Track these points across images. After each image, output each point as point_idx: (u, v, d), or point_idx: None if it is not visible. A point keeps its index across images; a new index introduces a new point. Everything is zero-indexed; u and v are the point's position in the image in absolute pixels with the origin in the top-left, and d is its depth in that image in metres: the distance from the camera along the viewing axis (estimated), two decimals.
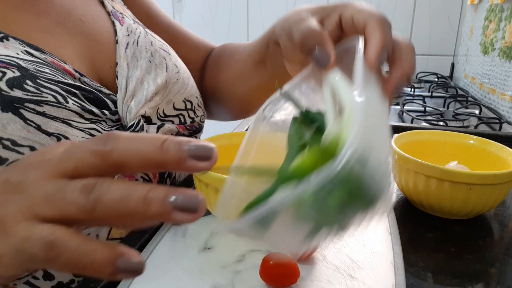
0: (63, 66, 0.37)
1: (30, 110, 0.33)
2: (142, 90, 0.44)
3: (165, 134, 0.40)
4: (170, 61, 0.49)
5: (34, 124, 0.33)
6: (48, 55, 0.37)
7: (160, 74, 0.46)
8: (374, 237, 0.41)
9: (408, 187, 0.47)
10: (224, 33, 1.64)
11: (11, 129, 0.31)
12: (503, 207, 0.49)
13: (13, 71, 0.33)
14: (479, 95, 1.13)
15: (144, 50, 0.46)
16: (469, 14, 1.29)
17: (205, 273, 0.35)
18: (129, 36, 0.46)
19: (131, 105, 0.42)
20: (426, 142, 0.54)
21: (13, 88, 0.32)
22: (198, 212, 0.20)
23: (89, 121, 0.37)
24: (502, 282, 0.36)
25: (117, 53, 0.44)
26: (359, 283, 0.34)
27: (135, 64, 0.45)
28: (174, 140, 0.20)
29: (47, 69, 0.36)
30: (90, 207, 0.19)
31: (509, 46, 0.95)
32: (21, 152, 0.32)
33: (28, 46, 0.36)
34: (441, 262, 0.38)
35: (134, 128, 0.41)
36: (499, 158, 0.49)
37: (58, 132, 0.34)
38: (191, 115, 0.50)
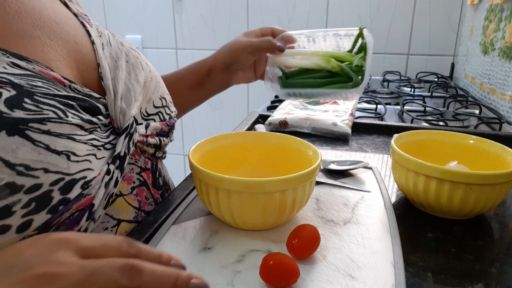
0: (52, 75, 0.36)
1: (35, 130, 0.32)
2: (129, 91, 0.44)
3: None
4: (143, 60, 0.50)
5: (43, 145, 0.32)
6: (34, 63, 0.36)
7: (139, 74, 0.47)
8: (374, 237, 0.41)
9: (408, 187, 0.47)
10: (224, 33, 1.64)
11: (22, 153, 0.30)
12: (503, 207, 0.49)
13: (8, 90, 0.31)
14: (479, 95, 1.13)
15: (118, 51, 0.46)
16: (469, 14, 1.29)
17: (205, 273, 0.35)
18: (101, 37, 0.46)
19: (123, 107, 0.42)
20: (426, 142, 0.54)
21: (13, 108, 0.31)
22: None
23: (88, 131, 0.37)
24: (502, 282, 0.36)
25: (97, 54, 0.43)
26: (359, 283, 0.34)
27: (116, 65, 0.44)
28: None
29: (40, 82, 0.34)
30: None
31: (509, 46, 0.95)
32: (36, 175, 0.31)
33: (12, 56, 0.34)
34: (441, 262, 0.38)
35: (129, 130, 0.42)
36: (499, 158, 0.49)
37: (66, 150, 0.34)
38: (167, 112, 0.51)
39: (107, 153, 0.39)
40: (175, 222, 0.44)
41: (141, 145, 0.45)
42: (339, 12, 1.50)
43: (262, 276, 0.34)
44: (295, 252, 0.37)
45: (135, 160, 0.46)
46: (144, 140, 0.45)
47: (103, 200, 0.38)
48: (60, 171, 0.32)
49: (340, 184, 0.53)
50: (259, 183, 0.38)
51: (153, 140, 0.47)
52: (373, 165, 0.59)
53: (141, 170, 0.47)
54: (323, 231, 0.42)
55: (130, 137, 0.42)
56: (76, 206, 0.35)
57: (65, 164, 0.33)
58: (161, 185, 0.51)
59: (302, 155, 0.48)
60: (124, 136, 0.41)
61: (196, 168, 0.41)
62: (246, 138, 0.52)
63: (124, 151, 0.40)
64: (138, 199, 0.45)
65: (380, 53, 1.51)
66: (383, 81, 1.38)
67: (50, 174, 0.32)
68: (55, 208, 0.32)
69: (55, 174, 0.32)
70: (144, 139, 0.45)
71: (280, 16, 1.57)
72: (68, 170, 0.33)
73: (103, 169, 0.37)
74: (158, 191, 0.50)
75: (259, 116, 0.86)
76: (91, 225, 0.38)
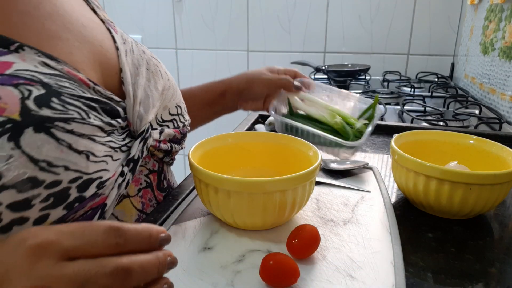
0: (78, 76, 0.37)
1: (60, 129, 0.33)
2: (148, 97, 0.45)
3: None
4: (162, 69, 0.51)
5: (66, 143, 0.33)
6: (63, 64, 0.37)
7: (158, 81, 0.48)
8: (374, 237, 0.41)
9: (408, 187, 0.47)
10: (224, 33, 1.64)
11: (46, 150, 0.31)
12: (503, 207, 0.49)
13: (38, 89, 0.33)
14: (479, 95, 1.13)
15: (140, 58, 0.48)
16: (469, 14, 1.29)
17: (205, 273, 0.35)
18: (125, 44, 0.47)
19: (141, 111, 0.43)
20: (426, 142, 0.54)
21: (41, 107, 0.32)
22: None
23: (107, 133, 0.38)
24: (502, 282, 0.36)
25: (120, 60, 0.45)
26: (359, 283, 0.34)
27: (136, 72, 0.46)
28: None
29: (67, 83, 0.36)
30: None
31: (509, 46, 0.95)
32: (57, 172, 0.32)
33: (43, 56, 0.36)
34: (441, 262, 0.38)
35: (144, 134, 0.43)
36: (499, 158, 0.49)
37: (87, 150, 0.35)
38: (181, 120, 0.53)
39: (122, 155, 0.40)
40: (175, 222, 0.44)
41: (153, 149, 0.46)
42: (339, 12, 1.50)
43: (262, 276, 0.34)
44: (295, 252, 0.37)
45: (144, 162, 0.47)
46: (156, 145, 0.46)
47: (115, 201, 0.39)
48: (79, 170, 0.34)
49: (340, 184, 0.53)
50: (259, 183, 0.38)
51: (165, 146, 0.48)
52: (373, 165, 0.59)
53: (149, 172, 0.48)
54: (323, 231, 0.42)
55: (145, 142, 0.43)
56: (90, 205, 0.36)
57: (84, 164, 0.34)
58: (165, 188, 0.51)
59: (302, 155, 0.48)
60: (140, 140, 0.42)
61: (196, 168, 0.41)
62: (246, 138, 0.52)
63: (138, 155, 0.42)
64: (142, 201, 0.46)
65: (380, 53, 1.51)
66: (383, 81, 1.38)
67: (70, 172, 0.33)
68: (71, 205, 0.33)
69: (74, 172, 0.33)
70: (157, 144, 0.46)
71: (280, 16, 1.57)
72: (86, 169, 0.34)
73: (117, 171, 0.38)
74: (161, 193, 0.50)
75: (259, 116, 0.86)
76: None
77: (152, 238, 0.28)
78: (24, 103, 0.31)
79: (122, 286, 0.25)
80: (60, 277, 0.23)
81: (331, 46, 1.56)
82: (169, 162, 0.53)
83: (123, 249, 0.26)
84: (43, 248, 0.24)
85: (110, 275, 0.24)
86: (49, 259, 0.24)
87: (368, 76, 1.43)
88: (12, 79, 0.32)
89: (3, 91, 0.31)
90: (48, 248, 0.24)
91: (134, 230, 0.27)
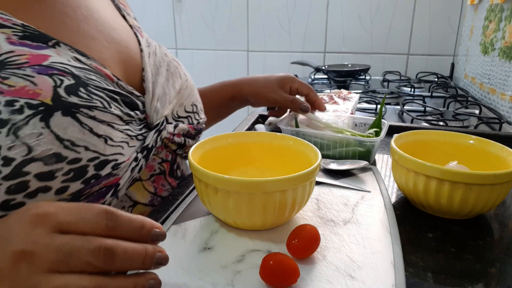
0: (104, 72, 0.43)
1: (84, 114, 0.38)
2: (165, 94, 0.51)
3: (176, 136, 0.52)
4: (181, 71, 0.57)
5: (88, 127, 0.38)
6: (92, 60, 0.42)
7: (176, 81, 0.54)
8: (374, 237, 0.41)
9: (408, 187, 0.47)
10: (224, 33, 1.64)
11: (70, 131, 0.36)
12: (503, 207, 0.49)
13: (68, 79, 0.38)
14: (479, 95, 1.13)
15: (161, 60, 0.54)
16: (469, 14, 1.29)
17: (205, 273, 0.35)
18: (149, 47, 0.53)
19: (158, 106, 0.49)
20: (426, 142, 0.54)
21: (70, 94, 0.37)
22: None
23: (125, 122, 0.43)
24: (502, 282, 0.36)
25: (143, 60, 0.51)
26: (359, 283, 0.34)
27: (157, 71, 0.52)
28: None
29: (94, 76, 0.41)
30: None
31: (509, 46, 0.95)
32: (78, 151, 0.37)
33: (76, 52, 0.41)
34: (441, 262, 0.38)
35: (159, 127, 0.48)
36: (499, 158, 0.49)
37: (105, 134, 0.40)
38: (196, 117, 0.58)
39: (138, 143, 0.45)
40: (175, 222, 0.44)
41: (167, 141, 0.51)
42: (339, 12, 1.50)
43: (262, 276, 0.34)
44: (295, 252, 0.37)
45: (157, 152, 0.51)
46: (171, 137, 0.51)
47: (127, 182, 0.44)
48: (97, 151, 0.38)
49: (340, 184, 0.53)
50: (259, 183, 0.38)
51: (178, 139, 0.53)
52: (373, 165, 0.59)
53: (162, 161, 0.52)
54: (323, 231, 0.42)
55: (159, 133, 0.48)
56: (105, 183, 0.40)
57: (102, 146, 0.39)
58: (178, 176, 0.55)
59: (302, 155, 0.48)
60: (154, 131, 0.47)
61: (196, 168, 0.41)
62: (246, 138, 0.52)
63: (152, 144, 0.46)
64: (154, 185, 0.50)
65: (380, 53, 1.51)
66: (383, 81, 1.38)
67: (89, 152, 0.38)
68: (88, 180, 0.38)
69: (93, 152, 0.38)
70: (171, 136, 0.51)
71: (280, 16, 1.57)
72: (104, 151, 0.39)
73: (132, 156, 0.43)
74: (175, 180, 0.54)
75: (259, 116, 0.86)
76: (113, 201, 0.43)
77: (144, 230, 0.29)
78: (56, 90, 0.36)
79: (104, 266, 0.26)
80: (47, 245, 0.26)
81: (331, 46, 1.56)
82: (182, 155, 0.57)
83: (112, 232, 0.28)
84: (41, 218, 0.27)
85: (92, 252, 0.26)
86: (43, 228, 0.27)
87: (368, 76, 1.43)
88: (48, 69, 0.37)
89: (39, 79, 0.36)
90: (45, 218, 0.27)
91: (127, 217, 0.29)
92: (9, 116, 0.34)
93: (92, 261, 0.26)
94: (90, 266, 0.26)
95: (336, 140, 0.62)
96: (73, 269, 0.26)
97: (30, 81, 0.36)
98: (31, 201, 0.35)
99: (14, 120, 0.34)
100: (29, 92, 0.35)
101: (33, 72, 0.36)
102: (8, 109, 0.34)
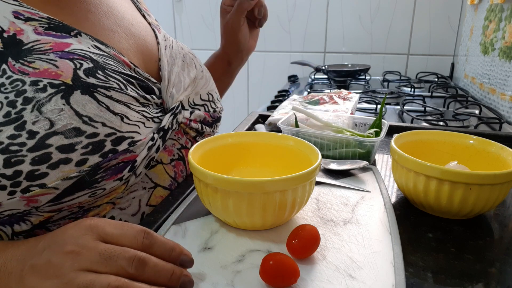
0: (122, 59, 0.47)
1: (101, 94, 0.41)
2: (180, 81, 0.55)
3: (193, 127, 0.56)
4: (197, 62, 0.62)
5: (105, 105, 0.41)
6: (111, 49, 0.46)
7: (191, 70, 0.58)
8: (374, 237, 0.41)
9: (408, 187, 0.47)
10: None
11: (88, 108, 0.40)
12: (503, 207, 0.49)
13: (87, 63, 0.42)
14: (479, 95, 1.13)
15: (178, 52, 0.58)
16: (469, 14, 1.29)
17: (205, 273, 0.35)
18: (166, 41, 0.58)
19: (173, 92, 0.52)
20: (426, 142, 0.54)
21: (88, 76, 0.41)
22: None
23: (141, 105, 0.47)
24: (502, 282, 0.36)
25: (159, 51, 0.55)
26: (359, 283, 0.34)
27: (173, 62, 0.56)
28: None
29: (111, 61, 0.45)
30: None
31: (509, 46, 0.95)
32: (96, 126, 0.40)
33: (96, 41, 0.45)
34: (441, 262, 0.38)
35: (175, 110, 0.51)
36: (499, 158, 0.49)
37: (122, 113, 0.43)
38: (212, 106, 0.61)
39: (154, 125, 0.48)
40: (175, 222, 0.44)
41: (184, 126, 0.55)
42: (339, 12, 1.50)
43: (262, 276, 0.34)
44: (295, 252, 0.37)
45: (177, 138, 0.54)
46: (187, 122, 0.55)
47: (145, 160, 0.46)
48: (114, 127, 0.41)
49: (340, 184, 0.53)
50: (259, 183, 0.38)
51: (195, 125, 0.56)
52: (373, 165, 0.59)
53: (181, 147, 0.55)
54: (323, 231, 0.42)
55: (175, 116, 0.51)
56: (122, 158, 0.42)
57: (118, 123, 0.42)
58: None
59: (302, 155, 0.48)
60: (170, 114, 0.50)
61: (196, 168, 0.41)
62: (246, 138, 0.52)
63: (168, 126, 0.50)
64: (175, 170, 0.53)
65: (380, 53, 1.51)
66: (383, 81, 1.38)
67: (106, 127, 0.41)
68: (105, 154, 0.41)
69: (110, 128, 0.41)
70: (187, 121, 0.55)
71: (280, 16, 1.57)
72: (120, 128, 0.42)
73: (148, 136, 0.46)
74: None
75: (259, 116, 0.86)
76: (132, 178, 0.45)
77: (174, 252, 0.33)
78: (76, 72, 0.40)
79: (135, 272, 0.31)
80: (92, 249, 0.31)
81: (331, 46, 1.56)
82: None
83: (147, 249, 0.32)
84: (91, 227, 0.33)
85: (128, 259, 0.31)
86: (91, 235, 0.32)
87: (368, 76, 1.43)
88: (69, 55, 0.41)
89: (61, 62, 0.40)
90: (94, 228, 0.33)
91: (161, 239, 0.34)
92: (34, 94, 0.37)
93: (125, 266, 0.30)
94: (122, 271, 0.30)
95: (336, 140, 0.62)
96: (108, 272, 0.30)
97: (52, 64, 0.39)
98: (54, 172, 0.38)
99: (38, 98, 0.37)
100: (52, 73, 0.39)
101: (56, 57, 0.40)
102: (33, 88, 0.38)
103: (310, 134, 0.63)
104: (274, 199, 0.39)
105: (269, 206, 0.39)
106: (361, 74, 1.41)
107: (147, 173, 0.49)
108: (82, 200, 0.41)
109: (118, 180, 0.43)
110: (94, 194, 0.41)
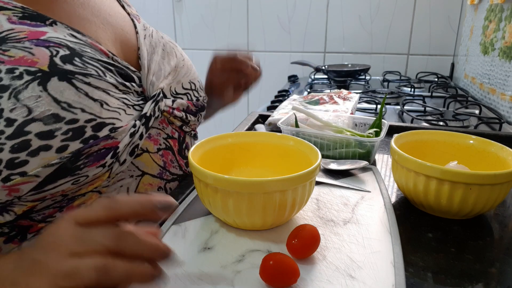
0: (99, 47, 0.46)
1: (79, 80, 0.41)
2: (160, 69, 0.55)
3: None
4: (178, 51, 0.61)
5: (83, 91, 0.41)
6: (87, 37, 0.46)
7: (172, 59, 0.58)
8: (374, 237, 0.41)
9: (408, 187, 0.47)
10: (224, 33, 1.64)
11: (66, 94, 0.39)
12: (503, 207, 0.49)
13: (64, 50, 0.41)
14: (479, 95, 1.13)
15: (158, 41, 0.58)
16: (469, 14, 1.29)
17: (205, 273, 0.35)
18: (145, 31, 0.57)
19: (153, 80, 0.52)
20: (426, 142, 0.54)
21: (65, 63, 0.41)
22: None
23: (121, 92, 0.46)
24: (502, 282, 0.36)
25: (138, 41, 0.55)
26: (359, 283, 0.34)
27: (153, 51, 0.56)
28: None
29: (89, 49, 0.44)
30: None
31: (509, 46, 0.95)
32: (75, 112, 0.39)
33: (72, 30, 0.45)
34: (441, 262, 0.38)
35: (156, 98, 0.51)
36: (499, 158, 0.49)
37: (101, 99, 0.42)
38: (195, 95, 0.60)
39: (136, 113, 0.48)
40: (175, 222, 0.44)
41: (168, 115, 0.54)
42: (339, 12, 1.50)
43: (262, 276, 0.34)
44: (295, 252, 0.37)
45: (162, 127, 0.54)
46: (170, 111, 0.54)
47: (128, 147, 0.46)
48: (93, 113, 0.41)
49: (340, 184, 0.53)
50: (259, 183, 0.38)
51: (179, 113, 0.56)
52: (373, 165, 0.59)
53: (167, 137, 0.54)
54: (323, 231, 0.42)
55: (156, 103, 0.51)
56: (104, 144, 0.42)
57: (98, 109, 0.42)
58: (186, 156, 0.57)
59: (302, 155, 0.48)
60: (152, 101, 0.50)
61: (196, 168, 0.41)
62: (246, 138, 0.52)
63: (150, 113, 0.49)
64: (163, 159, 0.53)
65: (380, 53, 1.51)
66: (383, 81, 1.38)
67: (85, 113, 0.40)
68: (86, 140, 0.40)
69: (90, 114, 0.41)
70: (170, 110, 0.54)
71: (280, 16, 1.57)
72: (100, 114, 0.42)
73: (130, 123, 0.46)
74: (183, 159, 0.57)
75: (259, 116, 0.86)
76: (115, 165, 0.45)
77: (147, 203, 0.31)
78: (52, 59, 0.40)
79: (118, 244, 0.29)
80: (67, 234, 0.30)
81: (331, 46, 1.56)
82: (191, 134, 0.60)
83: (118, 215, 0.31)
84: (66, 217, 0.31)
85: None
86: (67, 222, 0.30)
87: (368, 76, 1.43)
88: (45, 42, 0.41)
89: (37, 50, 0.40)
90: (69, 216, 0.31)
91: (127, 198, 0.31)
92: (10, 82, 0.37)
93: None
94: (101, 247, 0.29)
95: (336, 140, 0.62)
96: (88, 251, 0.29)
97: (28, 52, 0.39)
98: (34, 159, 0.37)
99: (14, 85, 0.37)
100: (28, 61, 0.39)
101: (31, 44, 0.40)
102: (9, 76, 0.37)
103: (310, 134, 0.63)
104: (274, 199, 0.39)
105: (269, 206, 0.39)
106: (361, 74, 1.41)
107: (133, 162, 0.49)
108: (65, 188, 0.41)
109: (101, 167, 0.42)
110: (77, 181, 0.41)
